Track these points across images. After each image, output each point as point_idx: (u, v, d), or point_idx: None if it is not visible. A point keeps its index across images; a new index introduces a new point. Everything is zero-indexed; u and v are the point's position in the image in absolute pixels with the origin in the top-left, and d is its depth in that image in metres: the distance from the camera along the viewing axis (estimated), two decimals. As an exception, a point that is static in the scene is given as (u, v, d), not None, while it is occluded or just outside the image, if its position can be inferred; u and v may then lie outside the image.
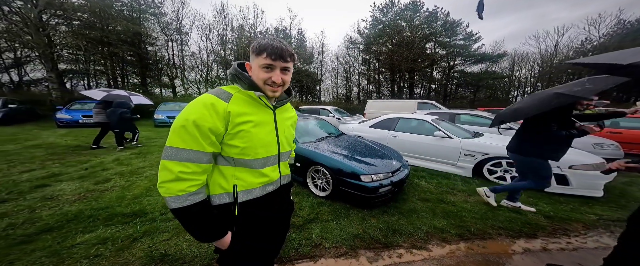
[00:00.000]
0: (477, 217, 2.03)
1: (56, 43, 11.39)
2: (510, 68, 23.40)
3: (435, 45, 22.02)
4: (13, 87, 12.99)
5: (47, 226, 1.63)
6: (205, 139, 0.61)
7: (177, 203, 0.59)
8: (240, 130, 0.65)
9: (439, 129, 3.46)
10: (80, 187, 2.38)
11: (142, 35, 14.84)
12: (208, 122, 0.60)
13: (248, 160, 0.69)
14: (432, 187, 2.74)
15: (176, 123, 0.60)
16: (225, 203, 0.69)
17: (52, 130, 6.27)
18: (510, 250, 1.62)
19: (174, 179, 0.58)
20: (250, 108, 0.69)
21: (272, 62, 0.64)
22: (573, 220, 2.03)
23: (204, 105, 0.61)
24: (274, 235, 0.88)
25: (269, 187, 0.78)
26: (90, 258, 1.34)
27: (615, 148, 3.54)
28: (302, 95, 24.41)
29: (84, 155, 3.72)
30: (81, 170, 2.95)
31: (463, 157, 3.18)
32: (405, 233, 1.76)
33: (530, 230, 1.86)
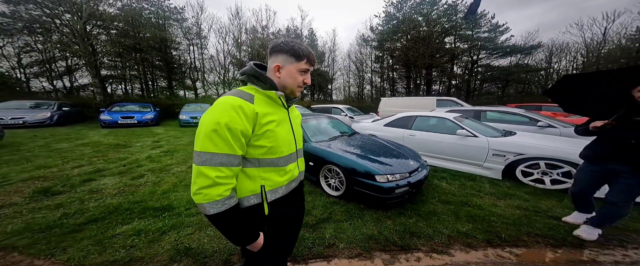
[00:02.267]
0: (508, 222, 1.86)
1: (98, 51, 12.90)
2: (546, 60, 20.84)
3: (456, 39, 20.44)
4: (65, 92, 15.01)
5: (93, 217, 1.85)
6: (237, 142, 0.61)
7: (215, 208, 0.59)
8: (267, 130, 0.66)
9: (462, 127, 3.22)
10: (119, 182, 2.67)
11: (168, 40, 16.10)
12: (239, 125, 0.60)
13: (274, 158, 0.71)
14: (454, 189, 2.57)
15: (206, 127, 0.59)
16: (254, 205, 0.70)
17: (97, 130, 7.10)
18: (549, 260, 1.45)
19: (211, 184, 0.58)
20: (271, 108, 0.70)
21: (310, 67, 0.70)
22: (632, 230, 1.77)
23: (233, 108, 0.60)
24: (295, 232, 0.91)
25: (292, 183, 0.81)
26: (127, 248, 1.49)
27: None
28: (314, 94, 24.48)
29: (122, 152, 4.16)
30: (120, 166, 3.31)
31: (491, 157, 2.93)
32: (424, 236, 1.67)
33: (575, 239, 1.65)
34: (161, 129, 7.69)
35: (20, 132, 5.95)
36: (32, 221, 1.76)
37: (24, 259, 1.38)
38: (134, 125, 7.96)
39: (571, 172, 2.42)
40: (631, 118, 1.33)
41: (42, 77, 14.54)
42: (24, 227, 1.68)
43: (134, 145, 4.84)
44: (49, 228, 1.68)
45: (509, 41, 19.42)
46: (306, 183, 2.70)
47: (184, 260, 1.41)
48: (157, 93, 17.02)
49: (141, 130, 7.36)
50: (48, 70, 14.36)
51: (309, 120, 3.22)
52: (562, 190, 2.47)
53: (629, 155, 1.39)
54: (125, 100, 11.91)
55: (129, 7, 13.71)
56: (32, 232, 1.63)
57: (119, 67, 15.70)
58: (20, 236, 1.58)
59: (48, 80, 14.68)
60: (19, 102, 7.96)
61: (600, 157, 1.55)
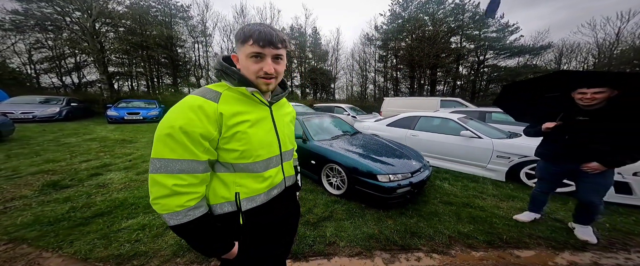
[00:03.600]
0: (510, 224, 1.85)
1: (106, 48, 13.14)
2: (556, 61, 20.32)
3: (462, 39, 20.07)
4: (74, 87, 15.35)
5: (100, 211, 1.89)
6: (198, 147, 0.54)
7: (175, 219, 0.53)
8: (236, 132, 0.58)
9: (466, 128, 3.18)
10: (125, 177, 2.72)
11: (173, 38, 16.32)
12: (198, 127, 0.52)
13: (249, 163, 0.62)
14: (456, 190, 2.55)
15: (160, 131, 0.52)
16: (229, 212, 0.63)
17: (104, 125, 7.25)
18: (551, 263, 1.44)
19: (169, 194, 0.52)
20: (244, 107, 0.61)
21: (261, 49, 0.56)
22: (635, 234, 1.75)
23: (190, 108, 0.53)
24: (281, 240, 0.83)
25: (274, 191, 0.72)
26: (132, 243, 1.52)
27: None
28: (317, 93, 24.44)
29: (128, 148, 4.24)
30: (126, 161, 3.37)
31: (495, 159, 2.89)
32: (425, 236, 1.67)
33: (578, 242, 1.64)
34: (166, 126, 7.79)
35: (30, 127, 6.11)
36: (41, 214, 1.82)
37: (33, 251, 1.42)
38: (139, 121, 8.09)
39: None
40: (574, 118, 1.48)
41: (51, 73, 14.91)
42: (33, 220, 1.74)
43: (139, 141, 4.93)
44: (57, 221, 1.73)
45: (518, 41, 18.96)
46: (308, 181, 2.70)
47: (187, 254, 1.43)
48: (162, 90, 17.25)
49: (147, 126, 7.49)
50: (57, 67, 14.72)
51: (311, 118, 3.22)
52: (565, 193, 2.43)
53: (581, 153, 1.49)
54: (131, 97, 12.10)
55: (137, 5, 13.92)
56: (41, 225, 1.68)
57: (125, 64, 15.97)
58: (29, 228, 1.63)
59: (57, 76, 15.04)
60: (29, 97, 8.16)
61: (556, 156, 1.64)
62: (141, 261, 1.36)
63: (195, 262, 1.38)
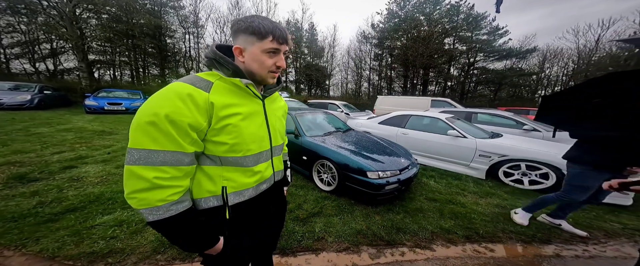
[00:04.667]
0: (487, 220, 1.95)
1: (87, 35, 12.21)
2: (539, 65, 21.40)
3: (455, 40, 20.60)
4: (49, 75, 14.22)
5: (72, 206, 1.77)
6: (185, 137, 0.50)
7: (156, 215, 0.49)
8: (227, 124, 0.56)
9: (453, 128, 3.28)
10: (103, 170, 2.57)
11: (163, 28, 15.49)
12: (186, 117, 0.49)
13: (239, 157, 0.60)
14: (441, 187, 2.64)
15: (140, 119, 0.47)
16: (214, 207, 0.60)
17: (81, 115, 6.78)
18: (519, 255, 1.54)
19: (149, 188, 0.48)
20: (236, 99, 0.59)
21: (278, 46, 0.57)
22: (594, 228, 1.91)
23: (179, 96, 0.49)
24: (268, 235, 0.83)
25: (263, 185, 0.71)
26: (107, 240, 1.44)
27: None
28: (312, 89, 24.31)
29: (107, 140, 4.00)
30: (105, 153, 3.18)
31: (477, 157, 3.01)
32: (410, 231, 1.72)
33: (544, 235, 1.76)
34: (151, 118, 7.44)
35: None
36: (4, 209, 1.67)
37: (-7, 248, 1.31)
38: (121, 112, 7.65)
39: (549, 173, 2.53)
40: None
41: (23, 58, 13.69)
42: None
43: (121, 133, 4.66)
44: (22, 217, 1.60)
45: (506, 44, 19.74)
46: (299, 177, 2.69)
47: (168, 251, 1.38)
48: (148, 81, 16.41)
49: (129, 117, 7.09)
50: (31, 52, 13.54)
51: (304, 114, 3.18)
52: (538, 190, 2.59)
53: None
54: (113, 86, 11.40)
55: (123, -8, 12.96)
56: (3, 221, 1.54)
57: (108, 53, 14.97)
58: (-10, 224, 1.50)
59: (30, 62, 13.83)
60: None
61: (614, 165, 1.47)
62: (117, 259, 1.29)
63: (177, 258, 1.34)
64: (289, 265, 1.37)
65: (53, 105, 8.16)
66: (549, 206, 1.88)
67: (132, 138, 0.48)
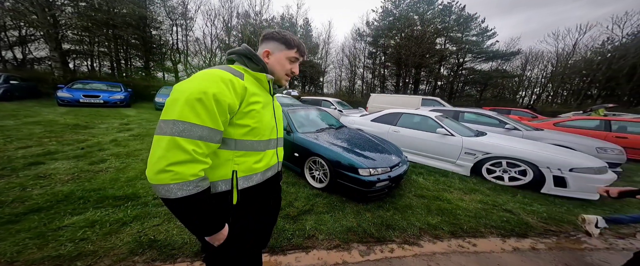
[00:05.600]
0: (471, 215, 2.01)
1: (61, 23, 11.19)
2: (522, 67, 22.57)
3: (446, 41, 21.18)
4: (17, 64, 12.96)
5: (36, 206, 1.62)
6: (222, 116, 0.56)
7: (185, 190, 0.50)
8: (252, 109, 0.64)
9: (441, 126, 3.36)
10: (74, 167, 2.37)
11: (148, 18, 14.52)
12: (228, 98, 0.56)
13: (255, 141, 0.67)
14: (429, 184, 2.70)
15: (188, 94, 0.51)
16: (222, 192, 0.63)
17: (52, 107, 6.25)
18: (499, 249, 1.62)
19: (187, 160, 0.50)
20: (258, 90, 0.68)
21: (300, 57, 0.74)
22: (565, 222, 2.02)
23: (222, 80, 0.56)
24: (267, 226, 0.87)
25: (269, 172, 0.77)
26: (76, 242, 1.32)
27: (619, 153, 3.43)
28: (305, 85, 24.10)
29: (82, 134, 3.71)
30: (77, 149, 2.94)
31: (463, 155, 3.11)
32: (399, 228, 1.74)
33: (521, 230, 1.85)
34: (132, 111, 7.02)
35: (-48, 106, 5.05)
36: (-45, 210, 1.50)
37: (-61, 254, 1.16)
38: (99, 105, 7.15)
39: (527, 170, 2.66)
40: None
41: (-15, 44, 12.38)
42: (-57, 217, 1.42)
43: (97, 127, 4.35)
44: (-24, 218, 1.44)
45: (493, 46, 20.59)
46: (290, 174, 2.64)
47: (147, 252, 1.29)
48: (131, 73, 15.44)
49: (108, 111, 6.65)
50: (-6, 38, 12.25)
51: (297, 110, 3.12)
52: (516, 186, 2.72)
53: None
54: (90, 78, 10.61)
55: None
56: (-47, 223, 1.38)
57: (85, 42, 13.86)
58: (-64, 227, 1.33)
59: (-7, 48, 12.54)
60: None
61: None
62: (87, 262, 1.19)
63: (157, 260, 1.26)
64: (279, 263, 1.34)
65: (21, 97, 7.49)
66: None
67: (178, 111, 0.50)
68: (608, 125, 4.67)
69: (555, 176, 2.48)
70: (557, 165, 2.48)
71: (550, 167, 2.51)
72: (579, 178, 2.39)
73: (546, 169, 2.53)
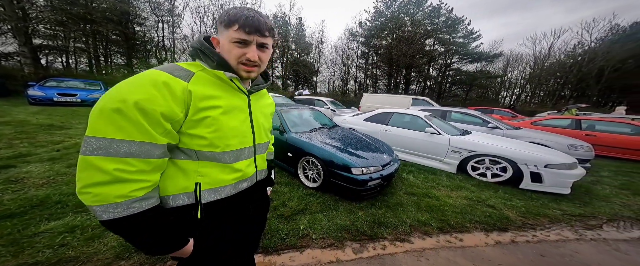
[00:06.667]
0: (457, 211, 2.09)
1: (32, 17, 10.31)
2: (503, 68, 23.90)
3: (435, 42, 21.96)
4: (-22, 59, 11.79)
5: (8, 212, 1.50)
6: (157, 127, 0.46)
7: (112, 213, 0.43)
8: (206, 116, 0.53)
9: (430, 125, 3.48)
10: (50, 170, 2.21)
11: (131, 14, 13.75)
12: (160, 106, 0.45)
13: (217, 153, 0.57)
14: (419, 182, 2.79)
15: (105, 105, 0.42)
16: (185, 205, 0.56)
17: (23, 107, 5.76)
18: (483, 243, 1.70)
19: (109, 181, 0.43)
20: (218, 91, 0.56)
21: (247, 36, 0.53)
22: (541, 215, 2.14)
23: (153, 83, 0.46)
24: (247, 236, 0.78)
25: (243, 183, 0.67)
26: (55, 248, 1.25)
27: (588, 149, 3.73)
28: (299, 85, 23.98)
29: (57, 135, 3.45)
30: (52, 151, 2.74)
31: (450, 153, 3.24)
32: (391, 225, 1.79)
33: (502, 224, 1.95)
34: (115, 112, 6.63)
35: None
36: None
37: None
38: (76, 104, 6.69)
39: (507, 167, 2.82)
40: None
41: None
42: None
43: (74, 127, 4.07)
44: (-63, 228, 1.31)
45: (478, 48, 21.63)
46: (284, 174, 2.63)
47: (134, 255, 1.25)
48: (111, 71, 14.56)
49: (86, 110, 6.23)
50: (-47, 31, 11.05)
51: (290, 110, 3.12)
52: (498, 182, 2.88)
53: None
54: (65, 75, 9.89)
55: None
56: None
57: (60, 37, 12.87)
58: None
59: (-48, 42, 11.32)
60: None
61: None
62: (68, 270, 1.13)
63: (146, 263, 1.22)
64: (273, 263, 1.34)
65: (-16, 95, 6.87)
66: None
67: (92, 126, 0.43)
68: (579, 124, 5.07)
69: (532, 172, 2.65)
70: (534, 161, 2.66)
71: (528, 164, 2.68)
72: (553, 173, 2.57)
73: (524, 166, 2.70)
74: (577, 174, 2.60)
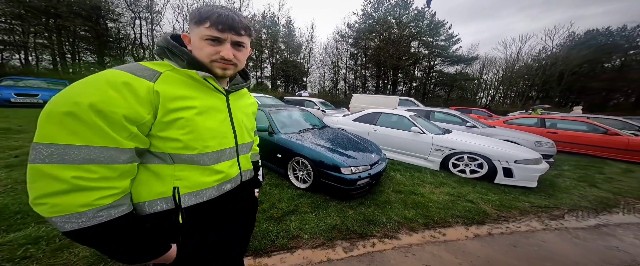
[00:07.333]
0: (440, 207, 2.18)
1: None
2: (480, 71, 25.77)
3: (420, 44, 23.05)
4: None
5: (-42, 226, 1.33)
6: (120, 131, 0.43)
7: (76, 223, 0.40)
8: (179, 117, 0.50)
9: (415, 125, 3.64)
10: (7, 178, 1.99)
11: (102, 9, 12.68)
12: (120, 107, 0.42)
13: (195, 155, 0.55)
14: (405, 180, 2.89)
15: (54, 108, 0.39)
16: (164, 211, 0.53)
17: (-29, 110, 5.09)
18: (464, 236, 1.79)
19: (67, 190, 0.39)
20: (191, 92, 0.53)
21: (219, 34, 0.51)
22: (513, 208, 2.29)
23: (110, 84, 0.42)
24: (232, 238, 0.76)
25: (226, 185, 0.65)
26: (16, 261, 1.13)
27: (551, 146, 4.14)
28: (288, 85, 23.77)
29: (15, 139, 3.09)
30: (10, 157, 2.46)
31: (433, 151, 3.42)
32: (379, 223, 1.83)
33: (480, 218, 2.05)
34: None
35: None
36: None
37: None
38: (37, 105, 6.06)
39: (483, 163, 3.03)
40: None
41: None
42: None
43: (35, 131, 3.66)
44: None
45: (458, 51, 23.10)
46: (273, 175, 2.60)
47: (109, 264, 1.16)
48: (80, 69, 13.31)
49: (52, 114, 5.63)
50: None
51: (279, 111, 3.09)
52: (476, 178, 3.08)
53: None
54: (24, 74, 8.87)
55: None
56: None
57: (17, 32, 11.51)
58: None
59: None
60: None
61: None
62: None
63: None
64: (263, 265, 1.32)
65: None
66: None
67: (41, 131, 0.39)
68: (543, 122, 5.61)
69: (504, 167, 2.88)
70: (506, 157, 2.89)
71: (500, 160, 2.90)
72: (522, 168, 2.82)
73: (497, 162, 2.92)
74: (542, 168, 2.87)
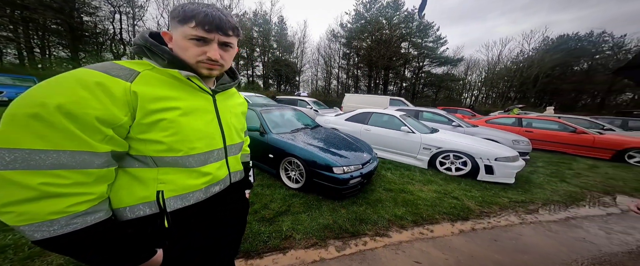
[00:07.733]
0: (428, 204, 2.25)
1: None
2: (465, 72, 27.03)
3: (409, 45, 23.71)
4: None
5: None
6: (94, 134, 0.41)
7: (47, 231, 0.38)
8: (161, 119, 0.48)
9: (405, 124, 3.76)
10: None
11: (77, 1, 11.78)
12: (94, 109, 0.40)
13: (180, 157, 0.52)
14: (395, 178, 2.98)
15: (17, 109, 0.36)
16: (147, 216, 0.51)
17: None
18: (450, 233, 1.87)
19: (37, 197, 0.37)
20: (174, 92, 0.51)
21: (206, 34, 0.49)
22: (493, 203, 2.41)
23: (82, 84, 0.40)
24: (220, 241, 0.74)
25: (215, 187, 0.63)
26: None
27: (527, 144, 4.45)
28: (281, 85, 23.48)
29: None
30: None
31: (422, 150, 3.55)
32: (371, 222, 1.88)
33: (464, 214, 2.14)
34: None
35: None
36: None
37: None
38: (2, 103, 5.55)
39: (467, 161, 3.20)
40: None
41: None
42: None
43: None
44: None
45: (445, 52, 24.05)
46: (265, 176, 2.58)
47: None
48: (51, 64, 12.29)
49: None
50: None
51: (271, 110, 3.05)
52: (461, 175, 3.23)
53: None
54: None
55: None
56: None
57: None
58: None
59: None
60: None
61: None
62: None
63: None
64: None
65: None
66: None
67: (2, 135, 0.36)
68: (520, 122, 6.02)
69: (486, 165, 3.05)
70: (487, 155, 3.07)
71: (482, 158, 3.08)
72: (501, 165, 3.01)
73: (479, 159, 3.09)
74: (519, 165, 3.08)
